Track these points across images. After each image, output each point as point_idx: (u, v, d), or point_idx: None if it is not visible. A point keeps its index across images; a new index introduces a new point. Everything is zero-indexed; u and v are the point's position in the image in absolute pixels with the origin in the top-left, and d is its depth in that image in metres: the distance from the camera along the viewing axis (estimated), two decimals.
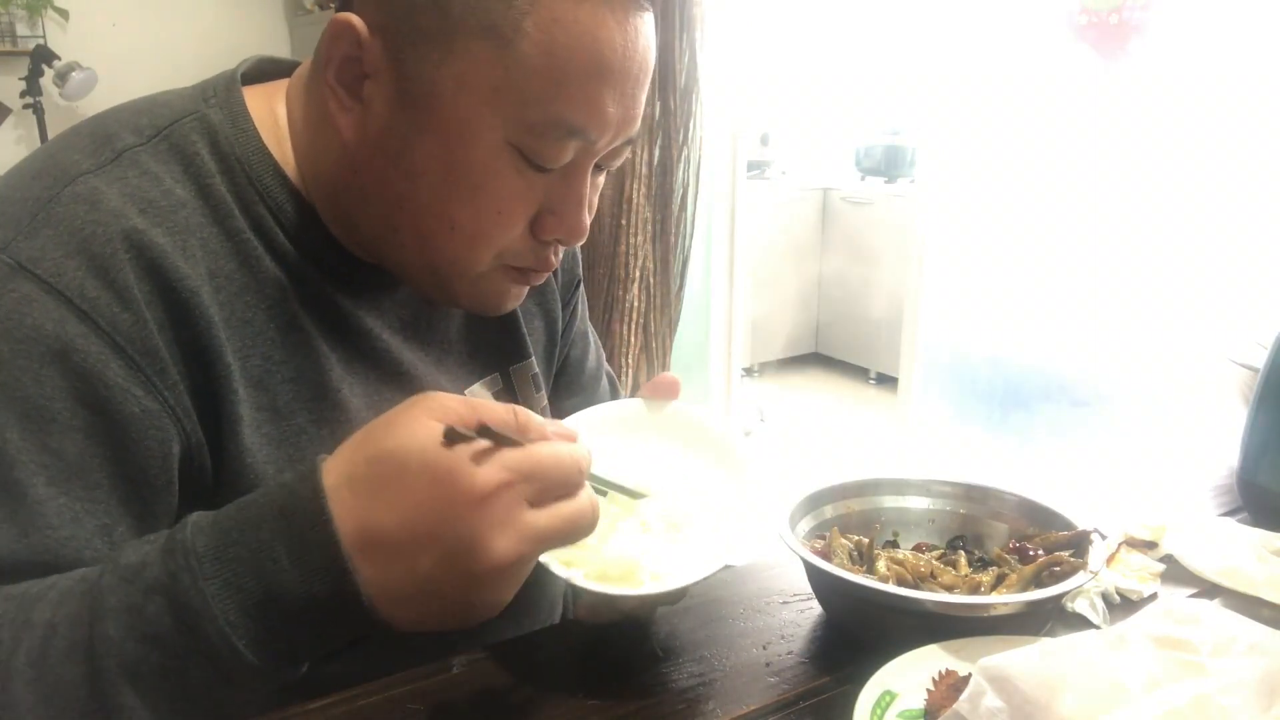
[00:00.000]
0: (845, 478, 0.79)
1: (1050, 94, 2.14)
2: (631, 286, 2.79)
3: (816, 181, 4.81)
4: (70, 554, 0.54)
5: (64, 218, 0.57)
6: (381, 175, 0.63)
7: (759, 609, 0.73)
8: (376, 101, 0.61)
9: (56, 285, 0.55)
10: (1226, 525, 0.84)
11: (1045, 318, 2.31)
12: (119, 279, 0.56)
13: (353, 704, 0.59)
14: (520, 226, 0.64)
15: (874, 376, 4.60)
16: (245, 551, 0.48)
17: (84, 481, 0.55)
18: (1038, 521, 0.74)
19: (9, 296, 0.54)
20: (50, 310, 0.55)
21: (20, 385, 0.53)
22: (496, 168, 0.61)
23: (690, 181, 2.77)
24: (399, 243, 0.65)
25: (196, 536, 0.49)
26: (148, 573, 0.48)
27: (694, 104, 2.70)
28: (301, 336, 0.65)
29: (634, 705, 0.60)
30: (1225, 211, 1.91)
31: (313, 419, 0.66)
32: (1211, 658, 0.52)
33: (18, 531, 0.53)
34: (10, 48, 3.27)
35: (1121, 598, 0.74)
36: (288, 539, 0.48)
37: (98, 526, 0.56)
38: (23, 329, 0.54)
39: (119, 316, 0.56)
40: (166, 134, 0.63)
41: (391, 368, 0.71)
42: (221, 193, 0.63)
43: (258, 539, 0.48)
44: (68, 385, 0.54)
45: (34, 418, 0.54)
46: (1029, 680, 0.49)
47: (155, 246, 0.58)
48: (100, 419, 0.56)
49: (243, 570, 0.48)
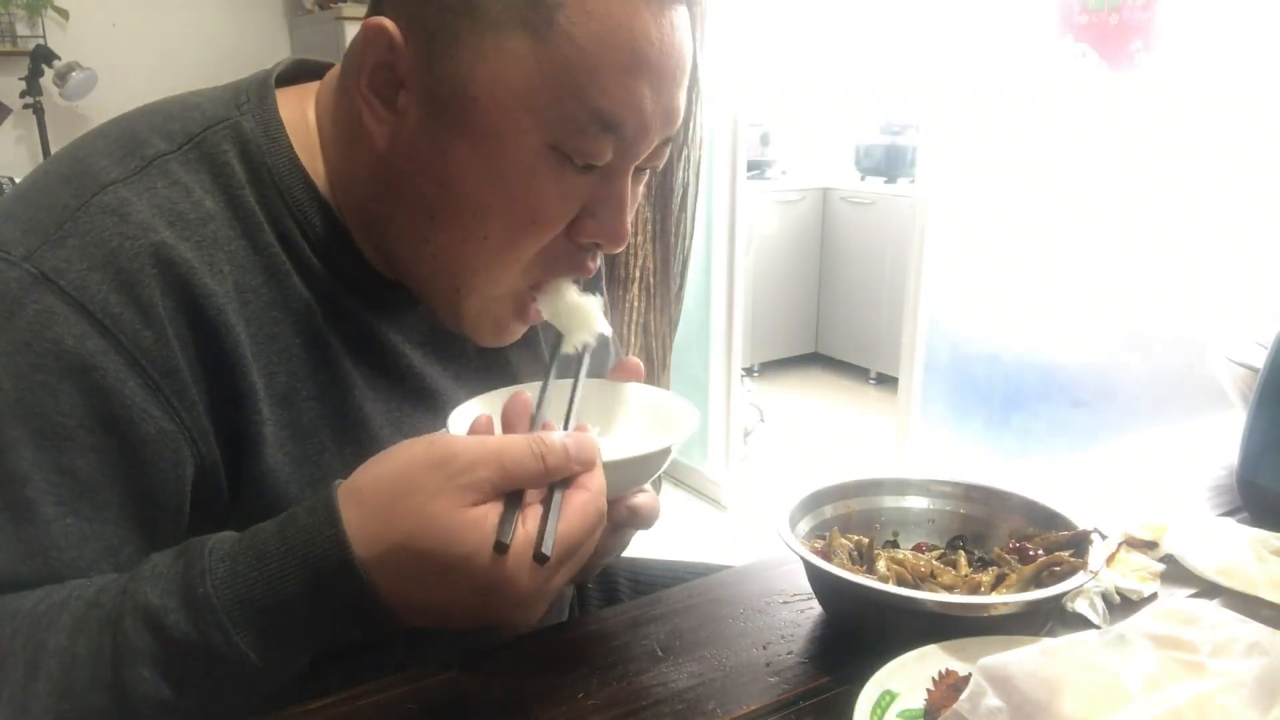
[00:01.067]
0: (845, 478, 0.79)
1: (1050, 94, 2.14)
2: (631, 286, 2.79)
3: (816, 181, 4.81)
4: (74, 576, 0.54)
5: (91, 229, 0.56)
6: (415, 185, 0.62)
7: (759, 609, 0.73)
8: (411, 110, 0.60)
9: (79, 299, 0.54)
10: (1226, 525, 0.84)
11: (1045, 317, 2.31)
12: (144, 295, 0.56)
13: (353, 704, 0.59)
14: (552, 234, 0.63)
15: (874, 376, 4.60)
16: (280, 623, 0.51)
17: (94, 501, 0.55)
18: (1038, 521, 0.74)
19: (31, 309, 0.54)
20: (72, 325, 0.54)
21: (37, 401, 0.53)
22: (534, 172, 0.60)
23: (690, 181, 2.77)
24: (429, 254, 0.64)
25: (220, 591, 0.50)
26: (171, 623, 0.49)
27: (694, 104, 2.70)
28: (326, 354, 0.65)
29: (634, 705, 0.60)
30: (1225, 211, 1.91)
31: (335, 438, 0.65)
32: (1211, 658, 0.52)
33: (24, 552, 0.53)
34: (10, 48, 3.27)
35: (1121, 598, 0.74)
36: (330, 616, 0.52)
37: (105, 548, 0.55)
38: (43, 343, 0.53)
39: (141, 334, 0.56)
40: (198, 141, 0.62)
41: (414, 384, 0.71)
42: (251, 205, 0.62)
43: (294, 616, 0.51)
44: (84, 403, 0.54)
45: (48, 434, 0.53)
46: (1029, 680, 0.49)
47: (183, 262, 0.57)
48: (115, 439, 0.55)
49: (277, 634, 0.51)
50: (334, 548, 0.49)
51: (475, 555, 0.49)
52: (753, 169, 4.40)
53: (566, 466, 0.53)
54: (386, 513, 0.50)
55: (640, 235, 2.77)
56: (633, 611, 0.72)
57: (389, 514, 0.50)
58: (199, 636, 0.48)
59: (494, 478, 0.51)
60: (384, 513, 0.50)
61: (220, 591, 0.49)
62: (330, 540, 0.50)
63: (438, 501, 0.50)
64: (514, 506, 0.52)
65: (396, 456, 0.52)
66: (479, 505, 0.50)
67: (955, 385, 2.59)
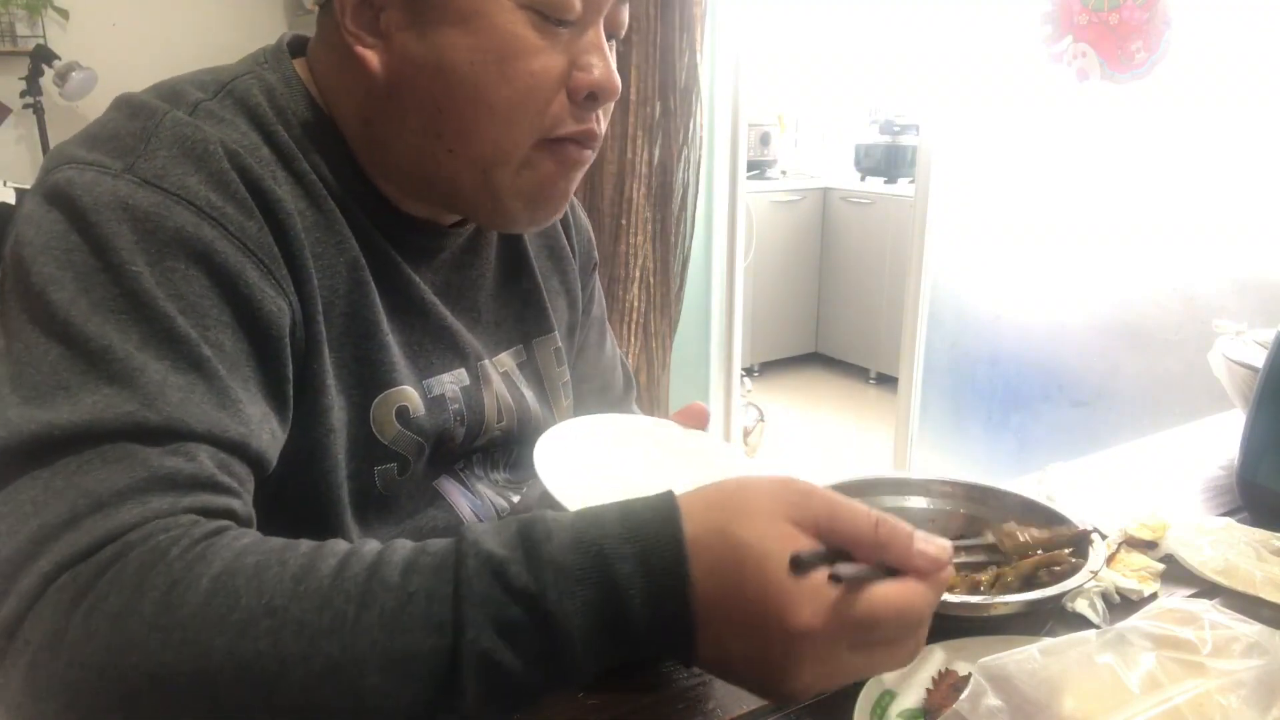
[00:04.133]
0: (845, 478, 0.79)
1: (1051, 94, 2.14)
2: (631, 286, 2.79)
3: (816, 181, 4.81)
4: (252, 438, 0.56)
5: (174, 140, 0.60)
6: (416, 88, 0.66)
7: None
8: (394, 25, 0.65)
9: (185, 196, 0.57)
10: (1226, 525, 0.84)
11: (1045, 318, 2.31)
12: (238, 192, 0.60)
13: None
14: (552, 90, 0.66)
15: (874, 376, 4.60)
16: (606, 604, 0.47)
17: (240, 375, 0.57)
18: (1038, 521, 0.74)
19: (145, 202, 0.56)
20: (186, 216, 0.57)
21: (173, 284, 0.55)
22: (516, 32, 0.64)
23: (690, 181, 2.78)
24: (444, 151, 0.67)
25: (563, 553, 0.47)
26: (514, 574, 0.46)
27: (694, 104, 2.70)
28: (361, 275, 0.68)
29: (634, 705, 0.60)
30: (1226, 211, 1.91)
31: (356, 355, 0.68)
32: (1211, 658, 0.52)
33: (217, 404, 0.54)
34: (10, 48, 3.27)
35: (1121, 598, 0.74)
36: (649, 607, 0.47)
37: (261, 414, 0.58)
38: (165, 231, 0.56)
39: (245, 224, 0.59)
40: (229, 88, 0.66)
41: (435, 321, 0.74)
42: (285, 139, 0.66)
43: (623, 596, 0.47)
44: (212, 283, 0.57)
45: (191, 314, 0.55)
46: (1029, 680, 0.49)
47: (254, 170, 0.62)
48: (245, 316, 0.58)
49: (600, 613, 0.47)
50: (669, 528, 0.48)
51: (774, 557, 0.47)
52: (753, 169, 4.40)
53: (904, 546, 0.49)
54: (723, 501, 0.49)
55: (640, 235, 2.77)
56: None
57: (724, 502, 0.49)
58: (537, 589, 0.46)
59: (821, 514, 0.49)
60: (721, 501, 0.49)
61: (563, 553, 0.47)
62: (667, 521, 0.48)
63: (766, 503, 0.48)
64: (830, 550, 0.48)
65: (742, 478, 0.51)
66: (799, 526, 0.48)
67: (955, 385, 2.59)
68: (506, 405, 0.80)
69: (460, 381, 0.76)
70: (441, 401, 0.74)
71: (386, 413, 0.70)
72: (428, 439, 0.73)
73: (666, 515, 0.48)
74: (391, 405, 0.70)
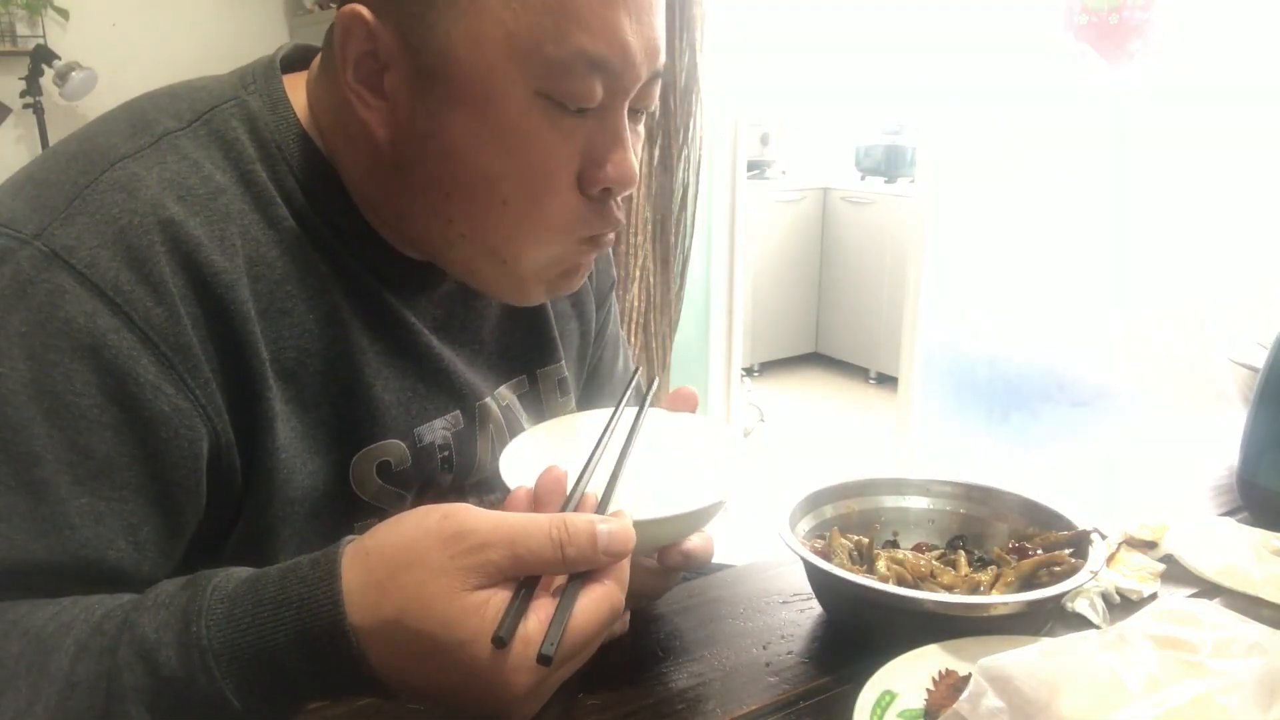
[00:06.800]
0: (845, 478, 0.79)
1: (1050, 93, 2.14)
2: (631, 286, 2.79)
3: (816, 181, 4.81)
4: (92, 555, 0.53)
5: (101, 205, 0.56)
6: (422, 164, 0.62)
7: (759, 609, 0.73)
8: (400, 91, 0.60)
9: (90, 276, 0.54)
10: (1226, 525, 0.84)
11: (1045, 318, 2.31)
12: (154, 272, 0.55)
13: (353, 703, 0.59)
14: (568, 185, 0.62)
15: (874, 376, 4.60)
16: (267, 673, 0.48)
17: (111, 481, 0.54)
18: (1038, 521, 0.74)
19: (42, 288, 0.53)
20: (83, 303, 0.53)
21: (50, 380, 0.52)
22: (530, 123, 0.59)
23: (690, 181, 2.77)
24: (456, 236, 0.64)
25: (213, 632, 0.48)
26: (163, 660, 0.48)
27: (694, 104, 2.70)
28: (339, 330, 0.65)
29: (634, 705, 0.60)
30: (1225, 211, 1.91)
31: (335, 413, 0.65)
32: (1211, 658, 0.52)
33: (36, 531, 0.52)
34: (10, 48, 3.27)
35: (1121, 598, 0.74)
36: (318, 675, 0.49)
37: (123, 526, 0.55)
38: (55, 322, 0.53)
39: (153, 311, 0.55)
40: (206, 119, 0.62)
41: (431, 365, 0.71)
42: (263, 180, 0.62)
43: (281, 669, 0.48)
44: (98, 381, 0.53)
45: (63, 414, 0.53)
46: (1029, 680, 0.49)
47: (191, 239, 0.57)
48: (130, 416, 0.55)
49: (262, 684, 0.48)
50: (328, 606, 0.47)
51: (471, 644, 0.46)
52: (753, 169, 4.40)
53: (590, 558, 0.49)
54: (386, 582, 0.48)
55: (640, 235, 2.77)
56: (633, 611, 0.72)
57: (389, 584, 0.48)
58: (186, 676, 0.47)
59: (503, 563, 0.47)
60: (384, 582, 0.48)
61: (213, 633, 0.48)
62: (326, 598, 0.48)
63: (439, 580, 0.47)
64: (525, 594, 0.48)
65: (409, 523, 0.50)
66: (483, 590, 0.47)
67: (955, 385, 2.59)
68: (503, 443, 0.76)
69: (454, 426, 0.73)
70: (430, 450, 0.71)
71: (368, 469, 0.67)
72: (410, 489, 0.70)
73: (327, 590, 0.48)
74: (373, 461, 0.67)
